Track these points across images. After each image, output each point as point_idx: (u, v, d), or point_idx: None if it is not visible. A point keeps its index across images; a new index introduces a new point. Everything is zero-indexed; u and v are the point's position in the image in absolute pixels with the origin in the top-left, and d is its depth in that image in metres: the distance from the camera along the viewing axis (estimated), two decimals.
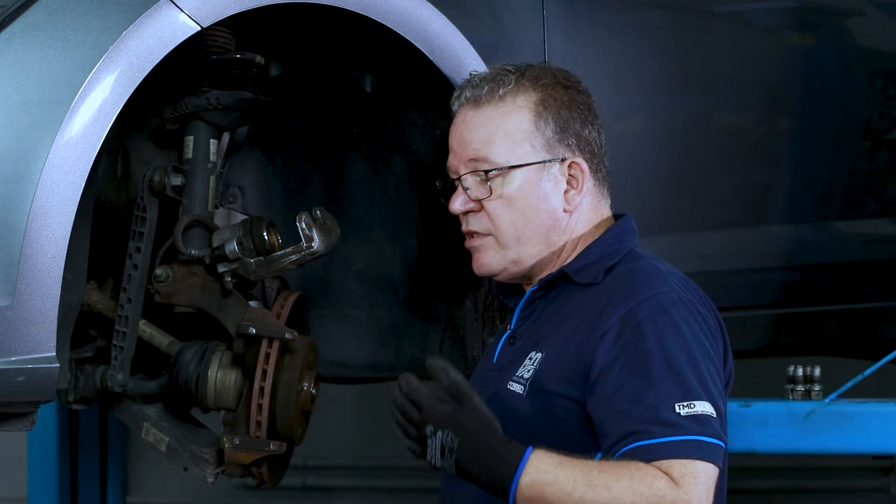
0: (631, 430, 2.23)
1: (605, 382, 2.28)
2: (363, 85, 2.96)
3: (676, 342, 2.28)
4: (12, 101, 2.34)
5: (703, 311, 2.36)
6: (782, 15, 3.53)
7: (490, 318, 2.96)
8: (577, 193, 2.47)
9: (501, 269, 2.50)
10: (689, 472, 2.19)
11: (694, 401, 2.23)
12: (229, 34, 2.74)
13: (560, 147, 2.47)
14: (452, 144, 2.53)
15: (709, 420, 2.23)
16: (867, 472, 5.90)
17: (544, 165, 2.46)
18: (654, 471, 2.18)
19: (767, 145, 3.44)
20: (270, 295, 2.90)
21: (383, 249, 3.09)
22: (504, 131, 2.46)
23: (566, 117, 2.47)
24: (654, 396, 2.24)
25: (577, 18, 3.02)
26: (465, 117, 2.51)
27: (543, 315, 2.46)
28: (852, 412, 3.08)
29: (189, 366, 2.75)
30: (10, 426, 2.50)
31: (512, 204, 2.45)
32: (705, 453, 2.21)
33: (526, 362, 2.41)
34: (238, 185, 3.04)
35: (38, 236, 2.33)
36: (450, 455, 2.22)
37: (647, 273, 2.39)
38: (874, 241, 3.61)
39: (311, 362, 2.77)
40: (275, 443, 2.68)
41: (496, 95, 2.47)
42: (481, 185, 2.47)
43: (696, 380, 2.26)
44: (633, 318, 2.30)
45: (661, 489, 2.17)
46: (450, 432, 2.22)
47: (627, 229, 2.51)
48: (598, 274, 2.42)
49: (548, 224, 2.46)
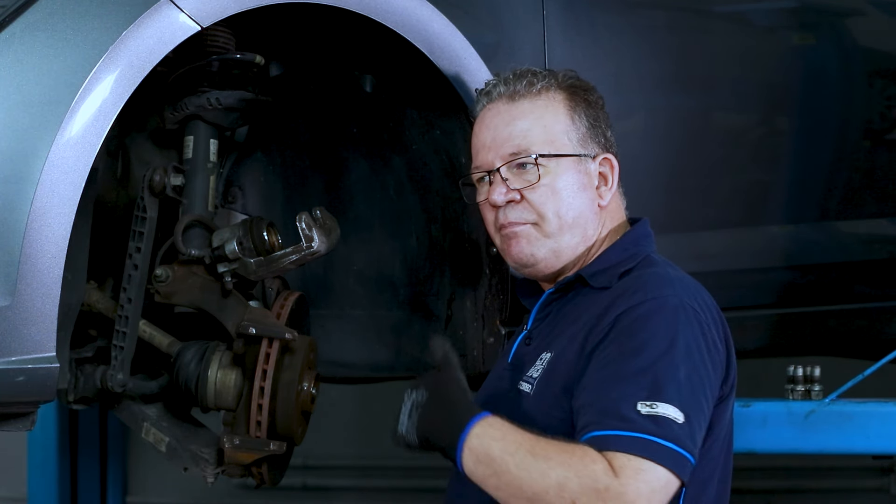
0: (591, 420, 2.24)
1: (587, 373, 2.31)
2: (363, 85, 2.95)
3: (664, 344, 2.28)
4: (12, 101, 2.34)
5: (705, 322, 2.35)
6: (782, 15, 3.53)
7: (490, 318, 2.97)
8: (608, 190, 2.52)
9: (543, 258, 2.50)
10: (632, 467, 2.18)
11: (659, 402, 2.22)
12: (229, 34, 2.74)
13: (592, 143, 2.51)
14: (485, 140, 2.52)
15: (669, 423, 2.21)
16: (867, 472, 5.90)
17: (581, 159, 2.49)
18: (597, 455, 2.19)
19: (767, 145, 3.44)
20: (270, 295, 2.90)
21: (383, 249, 3.09)
22: (543, 123, 2.49)
23: (595, 116, 2.53)
24: (620, 391, 2.24)
25: (577, 18, 3.02)
26: (500, 111, 2.52)
27: (559, 317, 2.48)
28: (852, 412, 3.07)
29: (189, 366, 2.75)
30: (10, 426, 2.49)
31: (555, 192, 2.47)
32: (655, 454, 2.19)
33: (537, 363, 2.43)
34: (238, 185, 3.04)
35: (38, 236, 2.33)
36: (416, 410, 2.30)
37: (654, 278, 2.40)
38: (874, 241, 3.61)
39: (311, 362, 2.77)
40: (275, 443, 2.68)
41: (533, 90, 2.50)
42: (521, 175, 2.48)
43: (671, 384, 2.24)
44: (627, 316, 2.32)
45: (597, 472, 2.17)
46: (423, 390, 2.32)
47: (644, 234, 2.53)
48: (612, 278, 2.44)
49: (586, 216, 2.49)
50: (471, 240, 2.94)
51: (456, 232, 2.96)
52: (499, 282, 2.91)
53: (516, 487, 2.21)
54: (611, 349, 2.30)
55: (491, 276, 2.94)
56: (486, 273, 2.94)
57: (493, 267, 2.92)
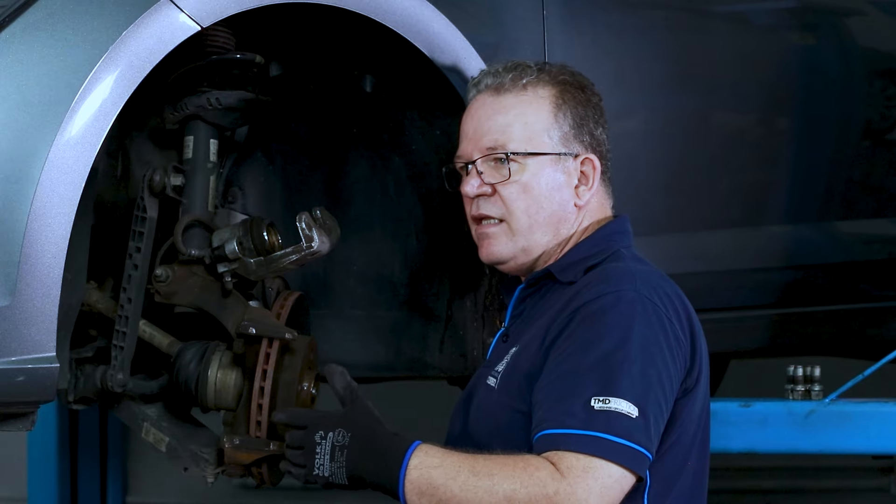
0: (544, 417, 2.24)
1: (545, 369, 2.31)
2: (363, 85, 2.95)
3: (618, 339, 2.27)
4: (12, 101, 2.34)
5: (665, 316, 2.33)
6: (782, 15, 3.53)
7: (490, 318, 2.97)
8: (587, 190, 2.51)
9: (511, 257, 2.51)
10: (581, 466, 2.18)
11: (611, 397, 2.22)
12: (229, 34, 2.74)
13: (575, 142, 2.50)
14: (467, 130, 2.54)
15: (621, 419, 2.21)
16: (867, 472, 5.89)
17: (560, 157, 2.49)
18: (540, 461, 2.19)
19: (767, 145, 3.44)
20: (270, 295, 2.90)
21: (383, 249, 3.09)
22: (524, 119, 2.49)
23: (582, 115, 2.51)
24: (573, 386, 2.24)
25: (577, 18, 3.02)
26: (485, 103, 2.53)
27: (531, 313, 2.49)
28: (852, 412, 3.07)
29: (189, 366, 2.75)
30: (10, 426, 2.50)
31: (527, 190, 2.47)
32: (606, 451, 2.19)
33: (507, 357, 2.44)
34: (238, 185, 3.04)
35: (38, 236, 2.33)
36: (340, 453, 2.30)
37: (616, 272, 2.39)
38: (874, 241, 3.61)
39: (311, 362, 2.77)
40: (275, 443, 2.68)
41: (519, 84, 2.50)
42: (497, 169, 2.49)
43: (625, 378, 2.23)
44: (585, 310, 2.31)
45: (543, 478, 2.17)
46: (341, 430, 2.32)
47: (618, 230, 2.52)
48: (578, 273, 2.44)
49: (559, 215, 2.49)
50: (471, 240, 2.94)
51: (456, 232, 2.96)
52: (499, 282, 2.91)
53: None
54: (567, 344, 2.30)
55: (491, 276, 2.94)
56: (486, 273, 2.95)
57: (492, 267, 2.92)
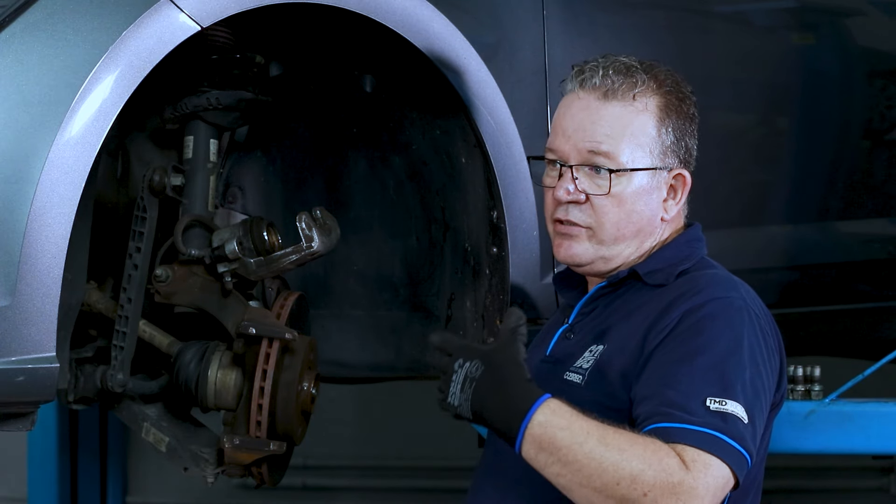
0: (656, 411, 2.23)
1: (648, 366, 2.29)
2: (363, 85, 2.95)
3: (731, 344, 2.28)
4: (12, 101, 2.34)
5: (765, 328, 2.35)
6: (782, 15, 3.53)
7: (490, 318, 2.96)
8: (675, 204, 2.47)
9: (589, 262, 2.46)
10: (702, 462, 2.18)
11: (728, 399, 2.23)
12: (229, 34, 2.74)
13: (672, 157, 2.45)
14: (566, 127, 2.44)
15: (736, 422, 2.22)
16: (867, 472, 5.90)
17: (656, 172, 2.44)
18: (669, 449, 2.17)
19: (767, 145, 3.44)
20: (270, 295, 2.90)
21: (383, 249, 3.09)
22: (630, 132, 2.42)
23: (683, 128, 2.47)
24: (688, 385, 2.23)
25: (577, 18, 3.02)
26: (590, 105, 2.43)
27: (606, 311, 2.46)
28: (852, 412, 3.07)
29: (189, 366, 2.75)
30: (10, 426, 2.49)
31: (621, 204, 2.42)
32: (722, 451, 2.20)
33: (586, 354, 2.40)
34: (238, 185, 3.04)
35: (38, 236, 2.33)
36: (469, 385, 2.21)
37: (718, 279, 2.40)
38: (874, 241, 3.61)
39: (311, 362, 2.77)
40: (275, 443, 2.68)
41: (630, 94, 2.42)
42: (592, 178, 2.42)
43: (738, 383, 2.25)
44: (694, 314, 2.31)
45: (671, 466, 2.16)
46: (477, 362, 2.22)
47: (697, 237, 2.51)
48: (669, 276, 2.42)
49: (646, 229, 2.45)
50: (471, 240, 2.94)
51: (456, 232, 2.96)
52: (499, 282, 2.91)
53: (584, 476, 2.16)
54: (675, 345, 2.28)
55: (491, 276, 2.94)
56: (486, 273, 2.94)
57: (493, 267, 2.92)
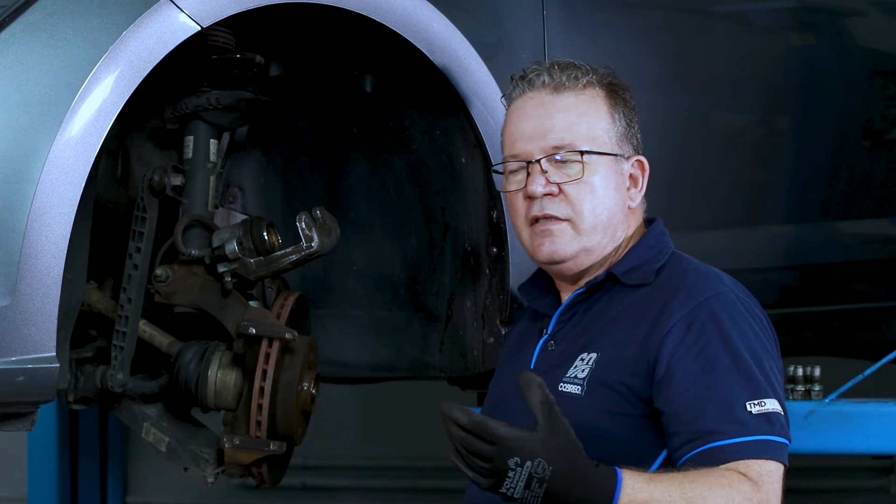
0: (704, 430, 2.25)
1: (674, 381, 2.29)
2: (363, 85, 2.95)
3: (740, 341, 2.31)
4: (12, 101, 2.34)
5: (755, 311, 2.38)
6: (782, 15, 3.53)
7: (490, 318, 2.96)
8: (638, 192, 2.50)
9: (573, 256, 2.46)
10: (765, 472, 2.24)
11: (764, 399, 2.27)
12: (229, 34, 2.74)
13: (627, 144, 2.49)
14: (524, 129, 2.47)
15: (778, 418, 2.27)
16: (867, 472, 5.89)
17: (617, 159, 2.47)
18: (738, 476, 2.22)
19: (767, 145, 3.44)
20: (270, 295, 2.90)
21: (383, 249, 3.09)
22: (587, 119, 2.45)
23: (630, 117, 2.50)
24: (726, 395, 2.26)
25: (577, 18, 3.02)
26: (542, 101, 2.47)
27: (586, 318, 2.45)
28: (852, 412, 3.07)
29: (189, 366, 2.75)
30: (10, 426, 2.49)
31: (593, 190, 2.44)
32: (775, 452, 2.26)
33: (577, 363, 2.40)
34: (238, 185, 3.04)
35: (38, 236, 2.33)
36: (539, 486, 2.13)
37: (704, 274, 2.41)
38: (874, 241, 3.61)
39: (311, 362, 2.77)
40: (275, 443, 2.68)
41: (578, 84, 2.46)
42: (560, 169, 2.44)
43: (762, 378, 2.29)
44: (696, 318, 2.32)
45: (747, 492, 2.21)
46: (542, 462, 2.13)
47: (662, 231, 2.53)
48: (648, 275, 2.43)
49: (617, 217, 2.47)
50: (471, 240, 2.94)
51: (456, 232, 2.96)
52: (499, 282, 2.91)
53: None
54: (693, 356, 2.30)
55: (491, 276, 2.94)
56: (486, 273, 2.94)
57: (493, 267, 2.92)
